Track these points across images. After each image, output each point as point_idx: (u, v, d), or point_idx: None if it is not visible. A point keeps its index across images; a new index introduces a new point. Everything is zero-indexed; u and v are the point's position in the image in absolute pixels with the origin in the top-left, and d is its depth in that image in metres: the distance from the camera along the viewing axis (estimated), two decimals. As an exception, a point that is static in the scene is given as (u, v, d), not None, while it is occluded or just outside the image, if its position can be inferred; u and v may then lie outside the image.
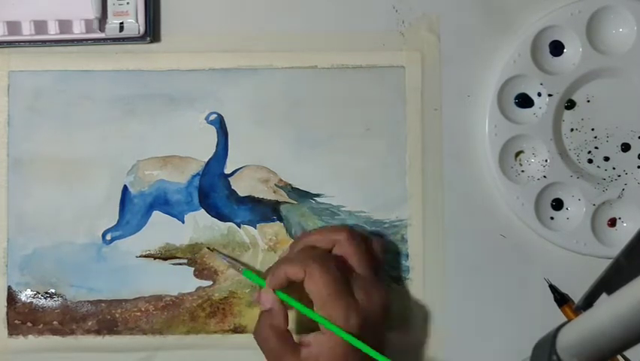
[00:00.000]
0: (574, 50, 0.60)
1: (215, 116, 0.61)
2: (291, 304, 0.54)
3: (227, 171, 0.61)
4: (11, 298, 0.60)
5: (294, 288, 0.54)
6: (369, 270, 0.55)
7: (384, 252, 0.59)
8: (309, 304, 0.53)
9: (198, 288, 0.60)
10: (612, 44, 0.60)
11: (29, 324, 0.60)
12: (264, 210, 0.61)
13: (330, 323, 0.51)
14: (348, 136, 0.61)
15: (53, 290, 0.60)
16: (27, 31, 0.59)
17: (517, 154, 0.61)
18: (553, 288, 0.60)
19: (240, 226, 0.61)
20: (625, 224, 0.60)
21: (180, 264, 0.60)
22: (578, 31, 0.60)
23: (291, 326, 0.56)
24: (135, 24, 0.59)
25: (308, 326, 0.55)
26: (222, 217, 0.61)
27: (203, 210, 0.61)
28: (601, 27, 0.60)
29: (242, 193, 0.61)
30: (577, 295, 0.59)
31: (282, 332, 0.53)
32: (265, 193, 0.61)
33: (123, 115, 0.61)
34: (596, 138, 0.61)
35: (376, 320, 0.53)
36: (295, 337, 0.54)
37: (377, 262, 0.58)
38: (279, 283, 0.54)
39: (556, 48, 0.61)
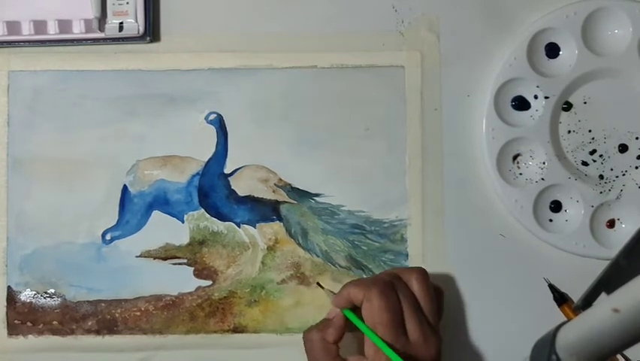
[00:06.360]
0: (570, 51, 0.60)
1: (214, 116, 0.61)
2: (354, 323, 0.53)
3: (227, 170, 0.61)
4: (11, 298, 0.60)
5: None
6: (434, 315, 0.54)
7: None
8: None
9: (198, 288, 0.60)
10: (608, 46, 0.61)
11: (29, 324, 0.60)
12: (263, 210, 0.61)
13: (388, 348, 0.50)
14: (348, 136, 0.61)
15: (53, 290, 0.60)
16: (27, 31, 0.59)
17: (515, 157, 0.61)
18: (552, 287, 0.60)
19: (239, 226, 0.61)
20: (624, 225, 0.60)
21: (180, 264, 0.60)
22: (574, 33, 0.60)
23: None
24: (135, 24, 0.59)
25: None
26: (222, 217, 0.61)
27: (202, 209, 0.61)
28: (596, 29, 0.60)
29: (241, 193, 0.61)
30: (576, 296, 0.59)
31: (329, 343, 0.53)
32: (265, 193, 0.61)
33: (123, 115, 0.61)
34: (593, 139, 0.61)
35: None
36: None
37: (440, 312, 0.56)
38: (341, 303, 0.53)
39: (552, 50, 0.61)
